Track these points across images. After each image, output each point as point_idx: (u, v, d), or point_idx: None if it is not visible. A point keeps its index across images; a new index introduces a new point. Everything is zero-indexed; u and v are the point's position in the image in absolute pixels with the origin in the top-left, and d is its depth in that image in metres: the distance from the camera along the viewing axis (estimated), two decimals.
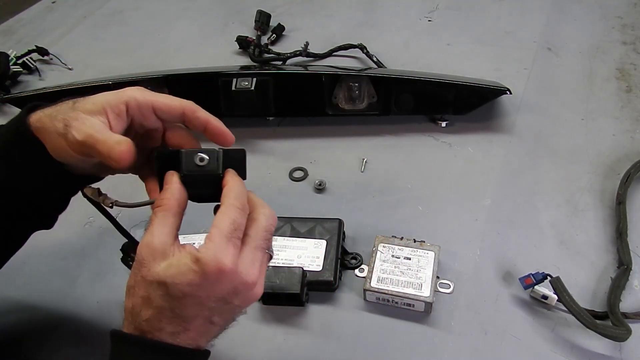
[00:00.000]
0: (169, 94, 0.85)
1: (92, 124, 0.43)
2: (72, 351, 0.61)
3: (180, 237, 0.65)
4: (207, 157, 0.44)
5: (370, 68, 0.98)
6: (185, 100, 0.48)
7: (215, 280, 0.40)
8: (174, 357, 0.41)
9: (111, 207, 0.48)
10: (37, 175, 0.47)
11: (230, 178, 0.44)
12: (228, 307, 0.42)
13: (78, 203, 0.70)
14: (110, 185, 0.52)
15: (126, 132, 0.45)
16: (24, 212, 0.49)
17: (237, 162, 0.45)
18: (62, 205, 0.53)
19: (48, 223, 0.53)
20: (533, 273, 0.60)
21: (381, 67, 0.98)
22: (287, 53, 1.02)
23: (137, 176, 0.50)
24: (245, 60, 1.05)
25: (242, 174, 0.46)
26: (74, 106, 0.45)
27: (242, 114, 0.86)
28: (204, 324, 0.42)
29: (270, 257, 0.45)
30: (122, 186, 0.55)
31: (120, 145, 0.42)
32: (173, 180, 0.44)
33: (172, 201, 0.43)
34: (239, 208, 0.42)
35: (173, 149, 0.46)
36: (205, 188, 0.45)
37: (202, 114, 0.48)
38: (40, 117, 0.46)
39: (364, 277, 0.63)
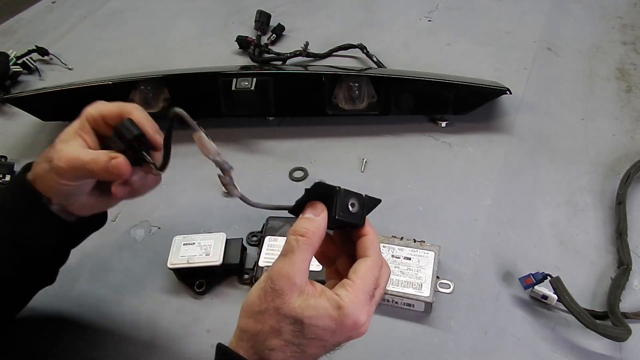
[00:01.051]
0: (169, 94, 0.86)
1: (71, 148, 0.47)
2: (72, 351, 0.61)
3: (180, 237, 0.66)
4: (357, 204, 0.44)
5: (370, 68, 0.98)
6: (127, 105, 0.49)
7: (350, 329, 0.42)
8: None
9: (230, 195, 0.46)
10: (39, 229, 0.50)
11: (371, 230, 0.46)
12: (341, 346, 0.45)
13: None
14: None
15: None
16: (29, 266, 0.51)
17: (370, 209, 0.46)
18: (63, 259, 0.56)
19: (51, 278, 0.55)
20: (533, 273, 0.60)
21: (381, 67, 0.98)
22: (287, 53, 1.02)
23: None
24: (245, 60, 1.05)
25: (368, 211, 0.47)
26: (53, 145, 0.48)
27: (242, 114, 0.86)
28: None
29: None
30: None
31: (115, 159, 0.46)
32: (323, 215, 0.43)
33: (317, 236, 0.43)
34: (380, 266, 0.44)
35: (330, 185, 0.44)
36: (340, 228, 0.46)
37: (136, 116, 0.48)
38: (32, 170, 0.49)
39: None
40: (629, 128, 0.83)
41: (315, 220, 0.43)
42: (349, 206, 0.44)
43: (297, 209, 0.44)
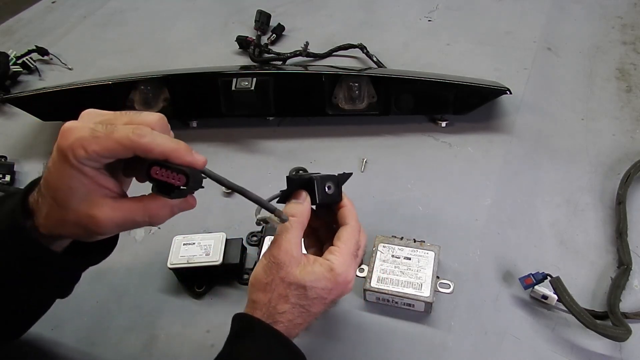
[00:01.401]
0: (169, 94, 0.86)
1: (106, 212, 0.40)
2: (72, 351, 0.61)
3: (180, 237, 0.66)
4: (333, 185, 0.52)
5: (370, 68, 0.98)
6: (128, 135, 0.39)
7: (343, 286, 0.50)
8: (290, 354, 0.48)
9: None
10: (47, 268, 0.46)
11: (347, 201, 0.54)
12: (333, 304, 0.56)
13: None
14: None
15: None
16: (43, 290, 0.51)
17: (343, 182, 0.54)
18: (76, 278, 0.53)
19: (66, 293, 0.55)
20: (533, 273, 0.60)
21: (381, 67, 0.98)
22: (287, 53, 1.02)
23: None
24: (245, 60, 1.05)
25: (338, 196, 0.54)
26: (59, 206, 0.40)
27: (242, 114, 0.86)
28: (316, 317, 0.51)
29: None
30: None
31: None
32: (307, 200, 0.51)
33: (305, 216, 0.50)
34: (358, 230, 0.53)
35: (305, 175, 0.53)
36: (332, 201, 0.53)
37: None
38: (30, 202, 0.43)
39: (364, 277, 0.63)
40: (629, 128, 0.83)
41: (302, 204, 0.51)
42: (327, 189, 0.52)
43: (284, 198, 0.52)
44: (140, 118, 0.40)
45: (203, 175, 0.43)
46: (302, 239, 0.52)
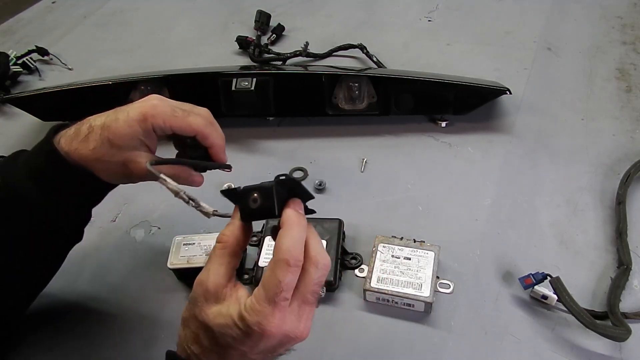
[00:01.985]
0: (169, 94, 0.86)
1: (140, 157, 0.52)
2: (72, 351, 0.61)
3: (180, 237, 0.66)
4: (259, 198, 0.43)
5: (370, 68, 0.98)
6: (199, 122, 0.53)
7: (259, 339, 0.40)
8: None
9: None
10: (66, 191, 0.52)
11: (286, 220, 0.42)
12: (272, 355, 0.43)
13: None
14: None
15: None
16: (60, 228, 0.54)
17: (294, 191, 0.44)
18: (88, 217, 0.57)
19: (79, 236, 0.58)
20: (533, 273, 0.60)
21: (381, 67, 0.98)
22: (287, 53, 1.02)
23: None
24: (245, 60, 1.05)
25: (305, 197, 0.45)
26: (112, 145, 0.51)
27: (242, 114, 0.86)
28: None
29: (318, 302, 0.43)
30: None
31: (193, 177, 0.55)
32: (235, 217, 0.45)
33: (232, 239, 0.44)
34: (289, 266, 0.39)
35: (233, 189, 0.46)
36: (268, 216, 0.44)
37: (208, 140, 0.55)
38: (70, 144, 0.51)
39: (363, 277, 0.63)
40: (629, 128, 0.83)
41: (230, 224, 0.45)
42: (251, 202, 0.43)
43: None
44: (198, 110, 0.54)
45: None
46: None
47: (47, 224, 0.52)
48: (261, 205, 0.43)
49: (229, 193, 0.46)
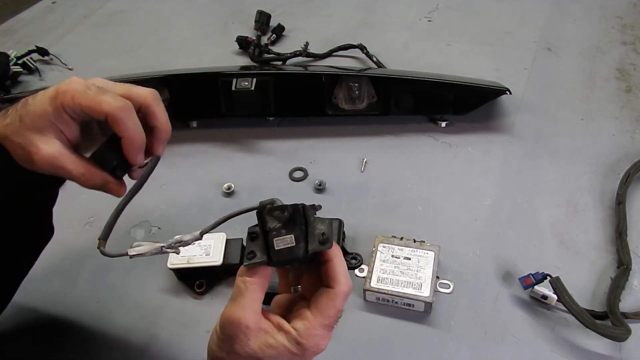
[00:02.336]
0: (169, 94, 0.86)
1: (51, 148, 0.43)
2: (72, 351, 0.61)
3: (180, 237, 0.65)
4: (293, 238, 0.40)
5: (370, 68, 0.98)
6: (112, 104, 0.42)
7: (310, 356, 0.42)
8: None
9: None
10: (13, 182, 0.47)
11: (334, 254, 0.42)
12: None
13: (78, 203, 0.71)
14: None
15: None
16: (22, 221, 0.50)
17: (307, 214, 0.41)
18: (52, 199, 0.53)
19: (49, 227, 0.54)
20: (533, 273, 0.60)
21: (381, 67, 0.98)
22: (287, 53, 1.02)
23: None
24: (245, 60, 1.05)
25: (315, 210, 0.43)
26: (21, 123, 0.43)
27: (242, 114, 0.86)
28: None
29: None
30: None
31: (109, 184, 0.45)
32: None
33: (263, 276, 0.42)
34: (346, 295, 0.42)
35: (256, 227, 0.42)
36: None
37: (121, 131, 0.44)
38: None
39: (364, 277, 0.63)
40: (629, 128, 0.83)
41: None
42: (275, 245, 0.40)
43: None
44: (135, 90, 0.44)
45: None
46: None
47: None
48: (291, 247, 0.41)
49: (251, 234, 0.43)
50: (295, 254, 0.40)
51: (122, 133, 0.43)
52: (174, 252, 0.44)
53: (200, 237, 0.44)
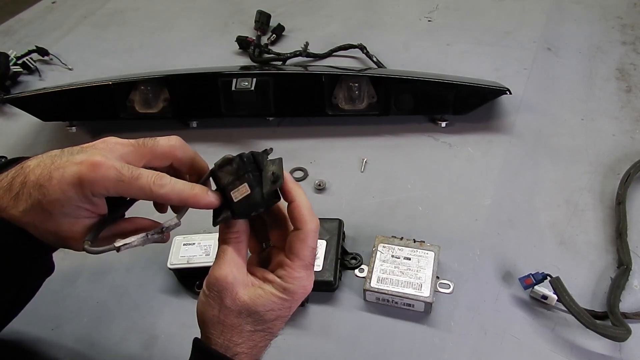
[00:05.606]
0: (169, 94, 0.86)
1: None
2: (72, 351, 0.61)
3: (180, 237, 0.66)
4: (248, 186, 0.41)
5: (370, 68, 0.98)
6: (184, 190, 0.43)
7: (300, 299, 0.45)
8: None
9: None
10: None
11: (296, 192, 0.44)
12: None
13: None
14: None
15: None
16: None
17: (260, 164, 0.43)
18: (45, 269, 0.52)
19: (50, 265, 0.53)
20: (533, 273, 0.60)
21: (381, 67, 0.98)
22: (287, 53, 1.02)
23: None
24: (245, 61, 1.05)
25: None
26: (44, 211, 0.41)
27: (242, 114, 0.86)
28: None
29: None
30: None
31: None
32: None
33: (242, 235, 0.45)
34: (315, 232, 0.44)
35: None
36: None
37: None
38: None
39: (363, 277, 0.63)
40: (629, 128, 0.83)
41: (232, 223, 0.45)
42: (233, 197, 0.41)
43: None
44: (160, 149, 0.44)
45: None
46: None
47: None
48: (246, 197, 0.42)
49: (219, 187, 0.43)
50: (253, 199, 0.42)
51: (178, 202, 0.43)
52: (160, 237, 0.44)
53: (179, 223, 0.44)
